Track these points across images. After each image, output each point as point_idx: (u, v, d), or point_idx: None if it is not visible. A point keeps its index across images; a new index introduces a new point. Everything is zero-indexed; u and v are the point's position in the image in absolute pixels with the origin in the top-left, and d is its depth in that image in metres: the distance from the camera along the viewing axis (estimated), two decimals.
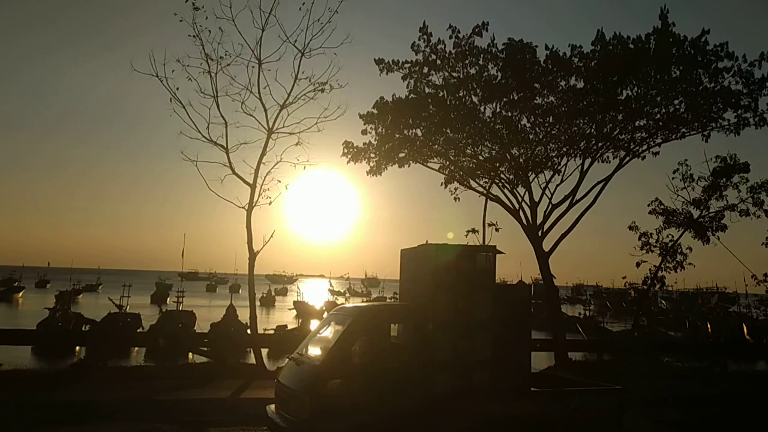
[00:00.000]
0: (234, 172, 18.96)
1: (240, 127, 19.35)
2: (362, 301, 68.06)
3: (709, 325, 43.81)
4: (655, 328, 42.66)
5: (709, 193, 22.58)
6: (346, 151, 22.81)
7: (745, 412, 14.51)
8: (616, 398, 10.02)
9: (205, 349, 20.97)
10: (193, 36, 18.28)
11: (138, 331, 30.02)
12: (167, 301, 60.02)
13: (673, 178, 23.19)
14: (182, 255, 56.83)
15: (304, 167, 19.18)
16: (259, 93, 18.90)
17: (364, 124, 22.27)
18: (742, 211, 22.37)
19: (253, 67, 18.83)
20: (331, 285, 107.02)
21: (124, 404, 12.67)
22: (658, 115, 21.23)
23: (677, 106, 20.80)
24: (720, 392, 16.92)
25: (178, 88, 18.45)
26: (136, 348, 26.31)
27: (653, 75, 20.13)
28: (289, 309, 56.86)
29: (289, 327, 33.40)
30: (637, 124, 21.59)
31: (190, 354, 23.09)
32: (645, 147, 22.19)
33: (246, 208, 18.92)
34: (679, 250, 22.86)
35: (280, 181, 19.06)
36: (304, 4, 18.43)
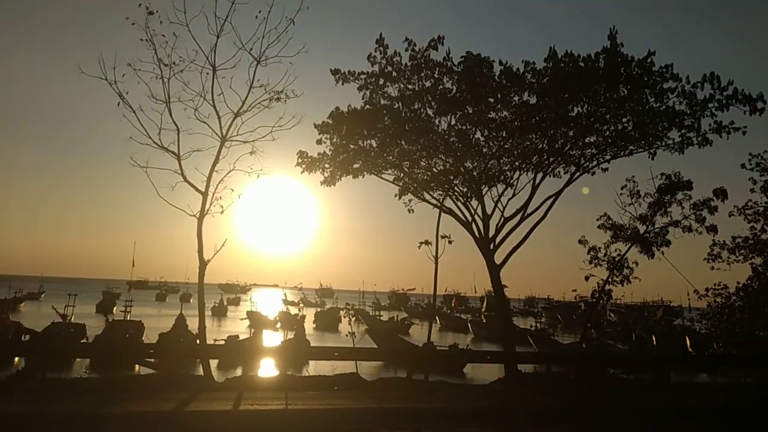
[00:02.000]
0: (185, 180, 18.67)
1: (192, 134, 19.10)
2: (316, 312, 67.74)
3: (654, 338, 45.00)
4: (604, 340, 43.56)
5: (655, 209, 23.19)
6: (300, 160, 22.76)
7: (687, 424, 14.92)
8: None
9: (152, 360, 20.45)
10: (146, 40, 17.99)
11: (82, 341, 29.16)
12: (114, 311, 58.56)
13: (621, 194, 23.76)
14: (132, 263, 55.69)
15: (258, 176, 19.01)
16: (212, 100, 18.69)
17: (319, 134, 22.29)
18: (685, 227, 23.05)
19: (207, 73, 18.62)
20: (285, 295, 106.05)
21: (62, 417, 12.22)
22: (608, 133, 21.81)
23: (625, 124, 21.42)
24: (663, 404, 17.32)
25: (128, 92, 18.10)
26: (80, 359, 25.50)
27: (603, 93, 20.71)
28: (242, 319, 56.12)
29: (241, 337, 32.90)
30: (587, 140, 22.14)
31: (137, 365, 22.50)
32: (595, 163, 22.74)
33: (197, 216, 18.63)
34: (625, 264, 23.38)
35: (233, 190, 18.84)
36: (260, 12, 18.33)
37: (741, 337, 25.74)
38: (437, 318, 73.19)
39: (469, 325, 64.59)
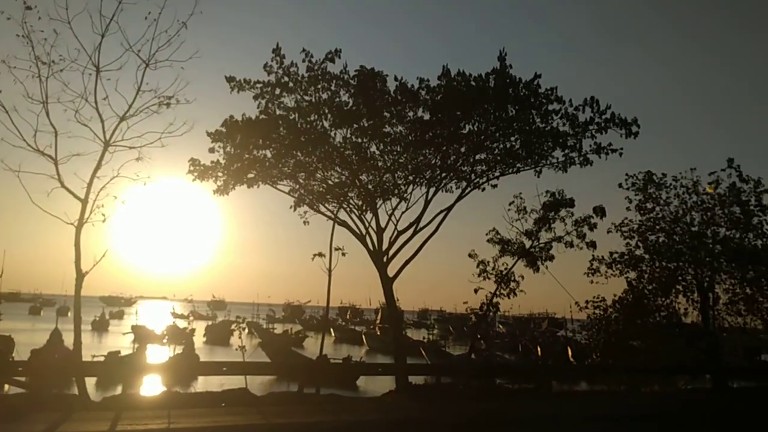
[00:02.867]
0: (63, 186, 17.55)
1: (73, 138, 18.05)
2: (207, 325, 65.61)
3: (539, 349, 46.95)
4: (492, 351, 45.00)
5: (540, 225, 24.27)
6: (192, 168, 22.00)
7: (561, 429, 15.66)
8: None
9: (22, 378, 18.95)
10: (23, 36, 16.84)
11: None
12: None
13: (508, 210, 24.70)
14: (0, 273, 51.53)
15: (145, 183, 18.17)
16: (95, 102, 17.73)
17: (212, 142, 21.66)
18: (567, 242, 24.29)
19: (90, 74, 17.66)
20: (173, 308, 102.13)
21: None
22: (497, 150, 22.61)
23: (513, 143, 22.30)
24: (544, 412, 18.07)
25: (0, 91, 16.85)
26: None
27: (492, 112, 21.50)
28: (125, 333, 53.50)
29: (124, 353, 31.30)
30: (477, 157, 22.83)
31: (5, 385, 20.80)
32: (484, 179, 23.45)
33: (76, 224, 17.54)
34: (512, 278, 24.28)
35: (116, 197, 17.90)
36: (150, 13, 17.61)
37: (616, 347, 27.32)
38: (332, 330, 73.00)
39: (363, 337, 64.80)
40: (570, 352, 42.05)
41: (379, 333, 65.81)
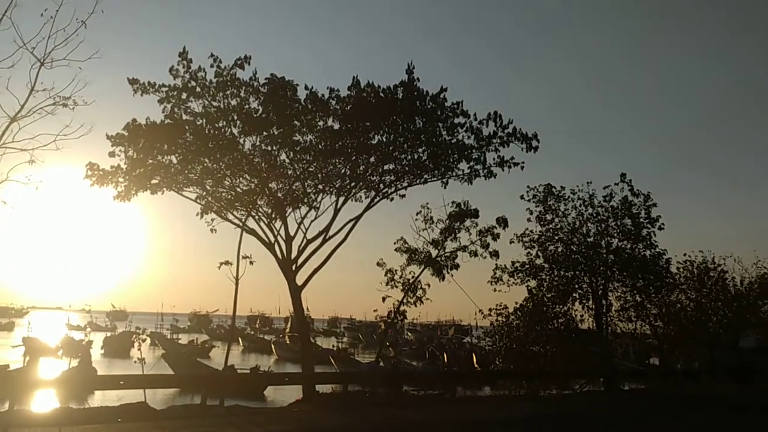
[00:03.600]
0: None
1: None
2: (105, 336, 62.72)
3: (445, 355, 47.99)
4: (400, 358, 45.59)
5: (446, 235, 24.95)
6: (90, 173, 21.03)
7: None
8: None
9: None
10: None
11: None
12: None
13: (416, 220, 25.23)
14: None
15: (37, 188, 17.18)
16: None
17: (112, 146, 20.82)
18: (472, 252, 25.08)
19: None
20: (68, 319, 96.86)
21: None
22: (405, 161, 23.02)
23: (421, 154, 22.77)
24: (446, 416, 18.51)
25: None
26: None
27: (401, 124, 21.90)
28: (14, 346, 50.27)
29: (12, 367, 29.45)
30: (386, 167, 23.14)
31: None
32: (393, 189, 23.80)
33: None
34: (419, 286, 24.79)
35: (5, 203, 16.86)
36: (47, 10, 16.73)
37: (517, 352, 28.38)
38: (240, 340, 71.63)
39: (272, 346, 64.01)
40: (475, 359, 43.20)
41: (288, 342, 65.15)
